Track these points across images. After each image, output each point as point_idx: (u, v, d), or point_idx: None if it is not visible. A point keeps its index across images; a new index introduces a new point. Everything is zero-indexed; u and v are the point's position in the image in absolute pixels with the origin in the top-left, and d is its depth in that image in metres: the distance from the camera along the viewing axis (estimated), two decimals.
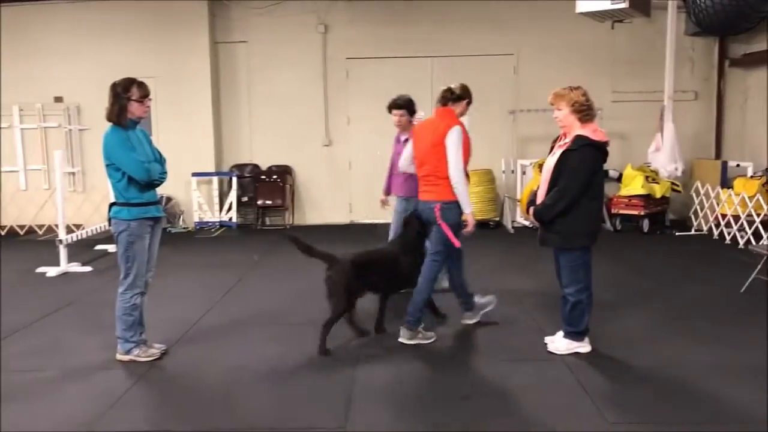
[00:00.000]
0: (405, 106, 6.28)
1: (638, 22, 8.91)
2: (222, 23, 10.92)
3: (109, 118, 4.59)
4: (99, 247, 8.94)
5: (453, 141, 4.95)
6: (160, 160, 4.82)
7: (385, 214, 11.04)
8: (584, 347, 4.76)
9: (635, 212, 9.62)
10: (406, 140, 6.24)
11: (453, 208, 4.94)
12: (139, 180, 4.57)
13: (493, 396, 4.12)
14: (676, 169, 9.26)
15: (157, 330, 5.21)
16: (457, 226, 4.98)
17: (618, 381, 4.31)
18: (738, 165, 9.73)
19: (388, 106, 6.32)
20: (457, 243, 4.94)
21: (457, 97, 5.24)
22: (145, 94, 4.64)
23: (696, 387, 4.17)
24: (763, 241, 7.74)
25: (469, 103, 5.35)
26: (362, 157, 11.12)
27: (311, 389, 4.27)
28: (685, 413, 3.82)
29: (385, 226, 10.61)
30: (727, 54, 10.79)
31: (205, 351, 5.02)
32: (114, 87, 4.59)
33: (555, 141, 4.91)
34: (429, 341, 5.08)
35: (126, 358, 4.76)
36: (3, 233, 10.40)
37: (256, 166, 11.15)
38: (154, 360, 4.77)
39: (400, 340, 5.06)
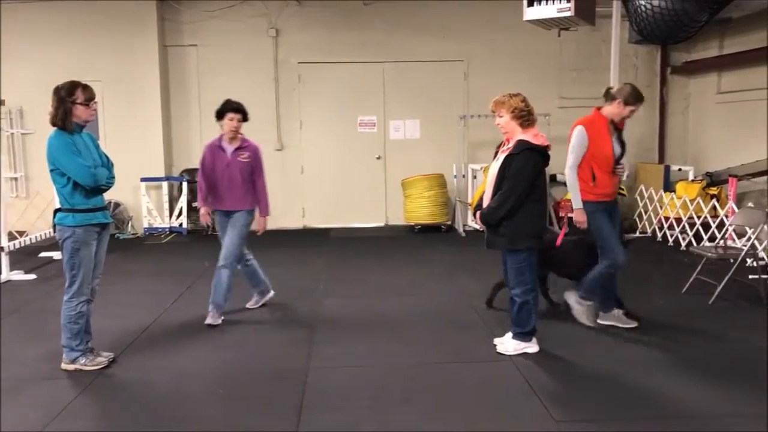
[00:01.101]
0: (242, 109, 5.74)
1: (583, 30, 9.11)
2: (171, 26, 10.77)
3: (53, 122, 4.50)
4: (44, 254, 8.71)
5: (572, 141, 5.16)
6: (108, 164, 4.74)
7: (339, 218, 11.13)
8: (532, 347, 4.86)
9: None
10: (238, 149, 5.73)
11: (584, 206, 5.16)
12: (85, 185, 4.49)
13: (443, 397, 4.17)
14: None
15: (105, 338, 5.12)
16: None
17: (564, 380, 4.42)
18: (680, 169, 10.07)
19: (221, 110, 5.73)
20: (557, 243, 5.20)
21: (610, 96, 5.21)
22: (90, 97, 4.56)
23: (639, 384, 4.30)
24: (703, 243, 8.02)
25: (627, 104, 5.10)
26: (315, 162, 11.12)
27: (262, 395, 4.26)
28: (629, 410, 3.93)
29: (339, 231, 10.70)
30: (668, 62, 11.16)
31: (155, 359, 4.95)
32: (58, 90, 4.49)
33: (499, 146, 5.01)
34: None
35: (72, 367, 4.66)
36: None
37: None
38: (102, 368, 4.67)
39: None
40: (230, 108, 5.72)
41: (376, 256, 8.78)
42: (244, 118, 5.79)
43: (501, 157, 4.69)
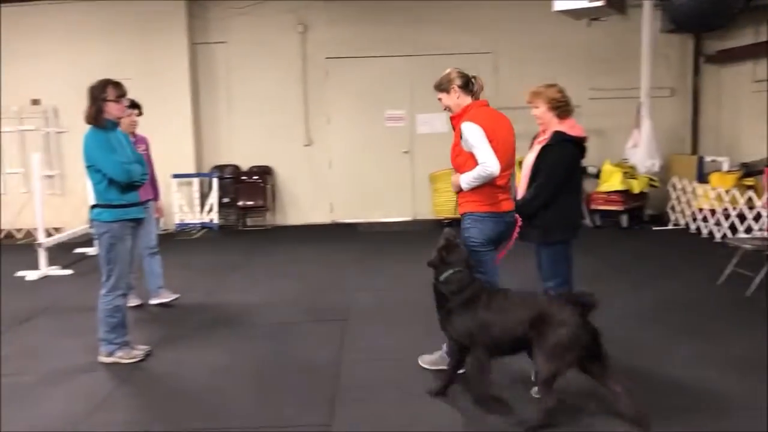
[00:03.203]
0: (138, 105, 6.04)
1: (614, 19, 9.00)
2: (200, 24, 10.87)
3: (88, 120, 4.58)
4: (79, 250, 8.87)
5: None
6: (141, 161, 4.82)
7: (367, 213, 11.14)
8: None
9: (614, 208, 9.73)
10: (135, 143, 5.78)
11: None
12: (119, 181, 4.56)
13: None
14: (654, 164, 9.36)
15: (141, 331, 5.20)
16: None
17: None
18: (713, 160, 9.87)
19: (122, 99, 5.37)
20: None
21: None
22: (121, 93, 4.64)
23: (676, 378, 4.24)
24: (739, 234, 7.87)
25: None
26: (342, 157, 11.14)
27: (295, 389, 4.28)
28: (668, 402, 3.88)
29: (367, 225, 10.70)
30: (701, 51, 10.94)
31: (190, 352, 5.01)
32: (91, 90, 4.60)
33: (535, 138, 4.96)
34: None
35: (109, 360, 4.74)
36: None
37: (236, 167, 11.10)
38: (138, 362, 4.75)
39: None
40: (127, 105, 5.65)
41: (405, 249, 8.75)
42: (140, 112, 6.14)
43: (537, 148, 4.64)
